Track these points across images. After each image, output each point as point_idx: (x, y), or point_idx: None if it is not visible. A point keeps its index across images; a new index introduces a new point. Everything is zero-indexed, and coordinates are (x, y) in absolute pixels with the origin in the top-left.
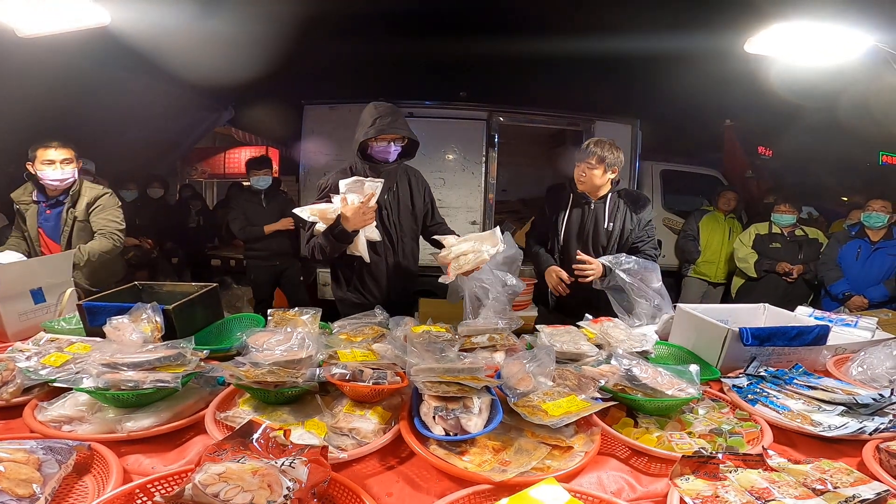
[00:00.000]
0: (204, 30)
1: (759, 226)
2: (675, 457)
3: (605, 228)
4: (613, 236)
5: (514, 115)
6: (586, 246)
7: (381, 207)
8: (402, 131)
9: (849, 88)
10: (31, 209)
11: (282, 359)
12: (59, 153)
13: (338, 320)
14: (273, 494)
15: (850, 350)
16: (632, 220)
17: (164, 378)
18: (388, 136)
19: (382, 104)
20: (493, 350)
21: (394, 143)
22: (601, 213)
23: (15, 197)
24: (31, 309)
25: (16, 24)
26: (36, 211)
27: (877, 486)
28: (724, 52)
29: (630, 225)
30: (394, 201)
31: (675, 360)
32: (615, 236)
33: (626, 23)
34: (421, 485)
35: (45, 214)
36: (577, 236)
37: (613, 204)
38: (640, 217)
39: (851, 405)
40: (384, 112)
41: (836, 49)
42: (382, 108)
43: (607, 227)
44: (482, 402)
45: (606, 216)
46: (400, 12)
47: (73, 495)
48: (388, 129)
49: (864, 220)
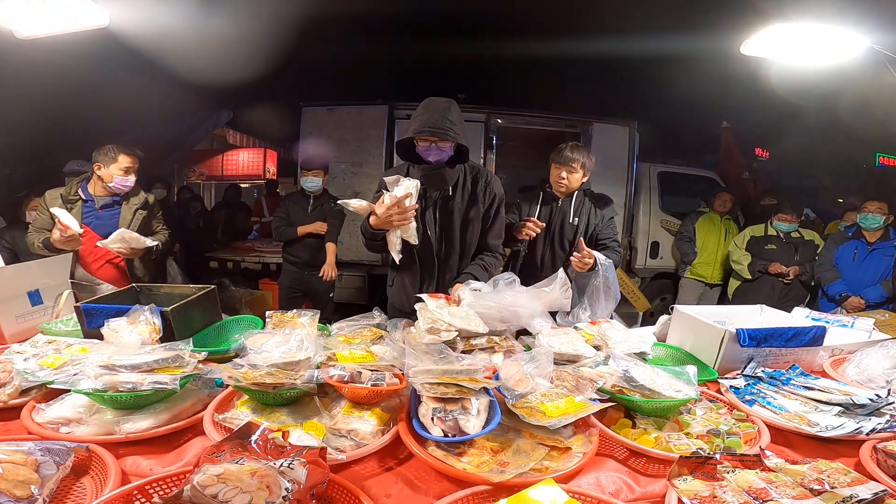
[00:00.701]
0: (203, 31)
1: (754, 228)
2: (672, 457)
3: (571, 223)
4: (579, 231)
5: (512, 117)
6: (553, 240)
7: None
8: (440, 134)
9: (845, 90)
10: (76, 206)
11: (280, 360)
12: (134, 162)
13: (336, 322)
14: (272, 495)
15: (847, 351)
16: (596, 215)
17: (163, 380)
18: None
19: (435, 101)
20: (491, 352)
21: (436, 145)
22: (567, 209)
23: (64, 194)
24: (29, 311)
25: (15, 25)
26: (81, 208)
27: (874, 486)
28: (720, 53)
29: (595, 220)
30: (446, 207)
31: (672, 361)
32: (580, 231)
33: (623, 25)
34: (419, 486)
35: (95, 213)
36: (545, 231)
37: (579, 201)
38: (603, 213)
39: (848, 406)
40: (426, 109)
41: (832, 51)
42: (430, 105)
43: (572, 221)
44: (480, 403)
45: (572, 212)
46: (398, 14)
47: (71, 497)
48: (423, 131)
49: (861, 222)
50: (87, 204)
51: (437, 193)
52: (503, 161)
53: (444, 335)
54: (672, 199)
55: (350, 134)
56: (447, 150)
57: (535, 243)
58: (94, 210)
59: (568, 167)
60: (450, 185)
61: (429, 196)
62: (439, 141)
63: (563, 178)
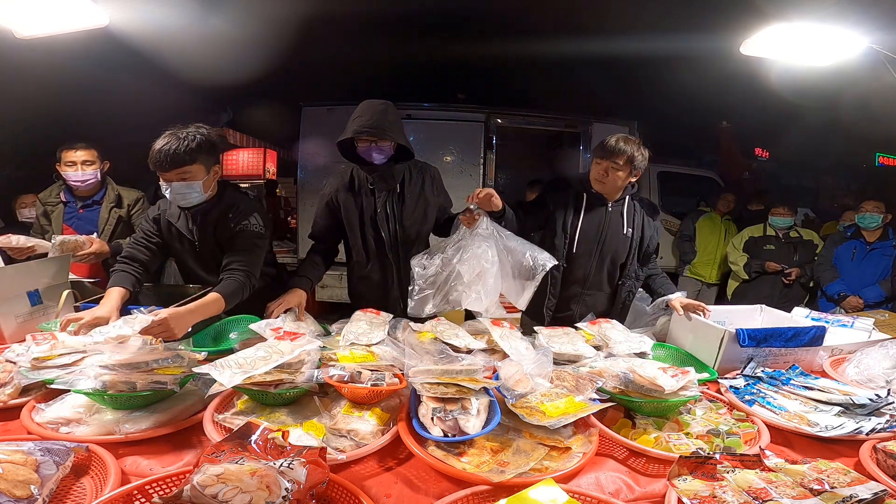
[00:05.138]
0: (203, 31)
1: (752, 228)
2: (672, 457)
3: (624, 234)
4: (633, 243)
5: (512, 117)
6: (601, 253)
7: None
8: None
9: (845, 90)
10: (57, 209)
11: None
12: (81, 155)
13: (336, 322)
14: (271, 495)
15: (846, 351)
16: (650, 226)
17: (162, 380)
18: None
19: (368, 102)
20: (491, 352)
21: (375, 145)
22: (619, 217)
23: (42, 197)
24: (28, 311)
25: (14, 25)
26: (62, 211)
27: (874, 486)
28: (720, 53)
29: (649, 231)
30: (398, 204)
31: (672, 361)
32: (635, 243)
33: (623, 25)
34: (419, 486)
35: (76, 214)
36: (593, 241)
37: (631, 208)
38: (655, 224)
39: (848, 405)
40: (363, 111)
41: (832, 51)
42: (364, 106)
43: (626, 232)
44: (480, 403)
45: (625, 221)
46: (398, 14)
47: (71, 497)
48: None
49: (859, 222)
50: (69, 206)
51: (386, 193)
52: (503, 161)
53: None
54: (672, 198)
55: None
56: (387, 149)
57: (578, 255)
58: (76, 211)
59: (611, 161)
60: (396, 182)
61: (377, 195)
62: (378, 140)
63: (604, 175)
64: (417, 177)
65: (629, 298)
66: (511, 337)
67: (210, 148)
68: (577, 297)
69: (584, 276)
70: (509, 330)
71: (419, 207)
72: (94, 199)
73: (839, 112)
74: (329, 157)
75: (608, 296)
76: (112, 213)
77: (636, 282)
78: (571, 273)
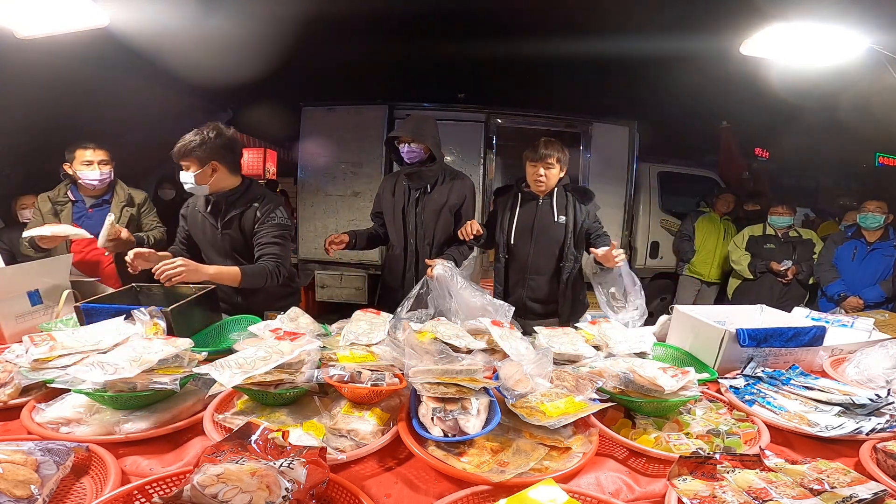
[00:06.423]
0: (203, 32)
1: (752, 228)
2: (672, 457)
3: (557, 222)
4: (568, 229)
5: (512, 117)
6: (538, 241)
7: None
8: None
9: (845, 90)
10: (66, 208)
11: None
12: (96, 154)
13: (336, 322)
14: (271, 495)
15: (846, 351)
16: (581, 211)
17: (163, 380)
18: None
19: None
20: (491, 352)
21: (409, 146)
22: (550, 208)
23: (51, 196)
24: (28, 311)
25: (15, 25)
26: (71, 210)
27: (874, 486)
28: (720, 53)
29: (581, 216)
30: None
31: (672, 361)
32: (570, 229)
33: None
34: (419, 486)
35: (85, 213)
36: (528, 232)
37: (561, 198)
38: (588, 209)
39: (848, 405)
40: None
41: (832, 51)
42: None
43: (558, 220)
44: (480, 403)
45: (556, 210)
46: (398, 14)
47: (71, 497)
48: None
49: (860, 221)
50: (77, 205)
51: (419, 191)
52: (503, 161)
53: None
54: (672, 198)
55: (350, 134)
56: (419, 151)
57: (518, 245)
58: (85, 210)
59: (544, 163)
60: (428, 183)
61: (411, 191)
62: (412, 142)
63: (541, 176)
64: (448, 181)
65: (570, 278)
66: (511, 337)
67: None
68: (520, 281)
69: (525, 263)
70: (509, 330)
71: (439, 206)
72: (103, 199)
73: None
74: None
75: (549, 279)
76: (124, 213)
77: (575, 263)
78: (514, 261)
